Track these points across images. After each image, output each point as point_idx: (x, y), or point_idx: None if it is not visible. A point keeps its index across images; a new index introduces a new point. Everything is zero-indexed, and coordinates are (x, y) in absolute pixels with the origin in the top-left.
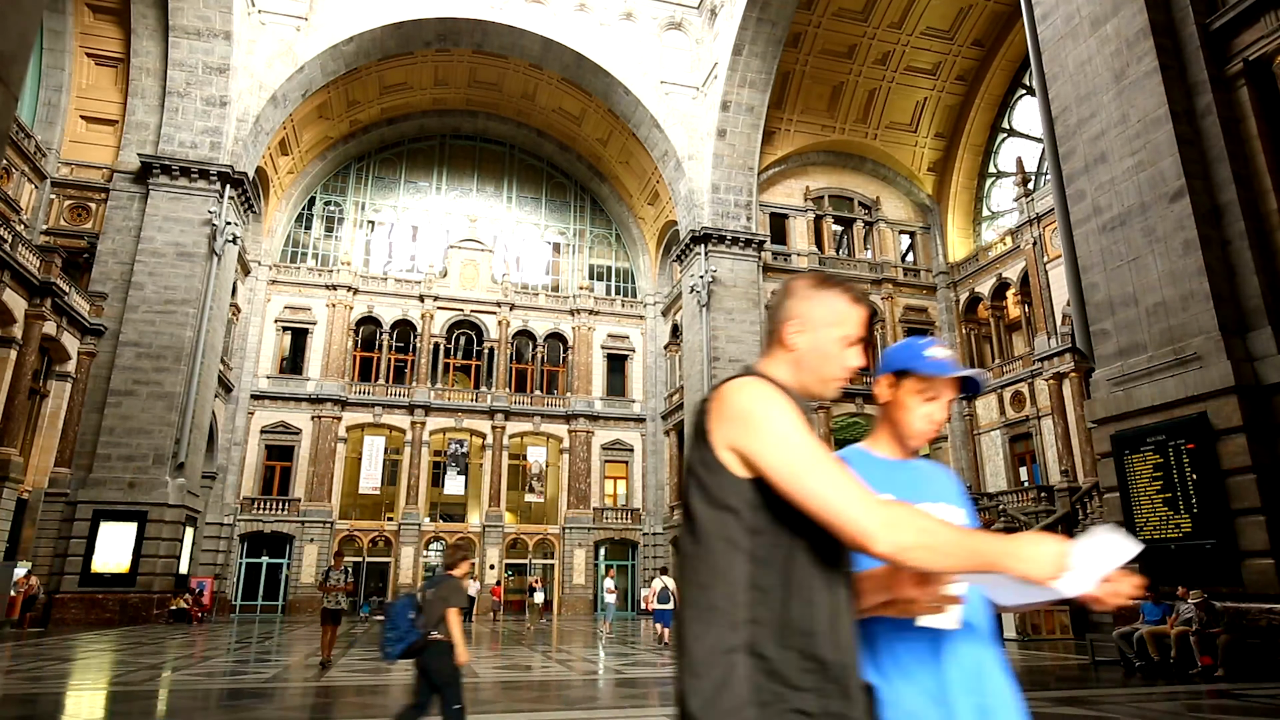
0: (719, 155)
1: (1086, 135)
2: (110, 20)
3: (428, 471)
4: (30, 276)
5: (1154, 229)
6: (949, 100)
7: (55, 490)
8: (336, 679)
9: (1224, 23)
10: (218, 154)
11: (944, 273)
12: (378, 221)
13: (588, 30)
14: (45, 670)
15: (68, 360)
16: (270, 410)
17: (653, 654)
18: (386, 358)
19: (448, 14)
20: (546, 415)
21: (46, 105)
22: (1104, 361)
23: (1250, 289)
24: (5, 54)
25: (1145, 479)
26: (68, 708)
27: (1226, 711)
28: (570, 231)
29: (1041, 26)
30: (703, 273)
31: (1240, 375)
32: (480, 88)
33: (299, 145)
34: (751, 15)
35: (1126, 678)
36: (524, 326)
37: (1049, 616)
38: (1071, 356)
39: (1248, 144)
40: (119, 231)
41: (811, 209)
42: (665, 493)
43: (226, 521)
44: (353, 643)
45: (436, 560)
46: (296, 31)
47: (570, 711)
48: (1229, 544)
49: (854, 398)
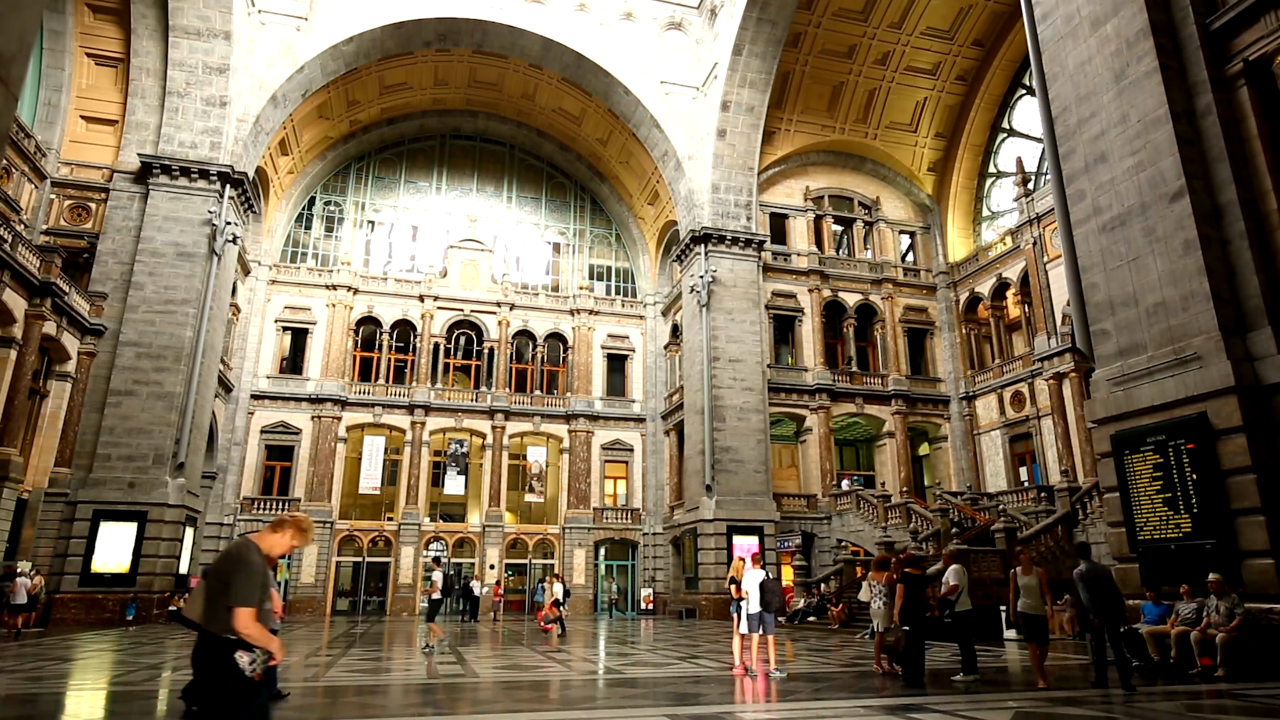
0: (719, 155)
1: (1086, 135)
2: (110, 20)
3: (428, 471)
4: (30, 276)
5: (1154, 229)
6: (949, 100)
7: (55, 490)
8: (336, 679)
9: (1224, 23)
10: (218, 154)
11: (944, 273)
12: (378, 221)
13: (588, 30)
14: (45, 670)
15: (68, 360)
16: (270, 410)
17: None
18: (386, 358)
19: (448, 14)
20: (546, 415)
21: (46, 105)
22: (1104, 361)
23: (1250, 289)
24: (5, 54)
25: (1145, 479)
26: (68, 708)
27: (1226, 711)
28: (570, 231)
29: (1041, 26)
30: (703, 273)
31: (1240, 375)
32: (480, 88)
33: (299, 145)
34: (751, 15)
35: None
36: (524, 326)
37: (1049, 616)
38: (1071, 356)
39: (1248, 144)
40: (119, 231)
41: (811, 209)
42: (665, 493)
43: (226, 521)
44: (352, 643)
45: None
46: (296, 31)
47: (570, 712)
48: (1229, 544)
49: (854, 398)
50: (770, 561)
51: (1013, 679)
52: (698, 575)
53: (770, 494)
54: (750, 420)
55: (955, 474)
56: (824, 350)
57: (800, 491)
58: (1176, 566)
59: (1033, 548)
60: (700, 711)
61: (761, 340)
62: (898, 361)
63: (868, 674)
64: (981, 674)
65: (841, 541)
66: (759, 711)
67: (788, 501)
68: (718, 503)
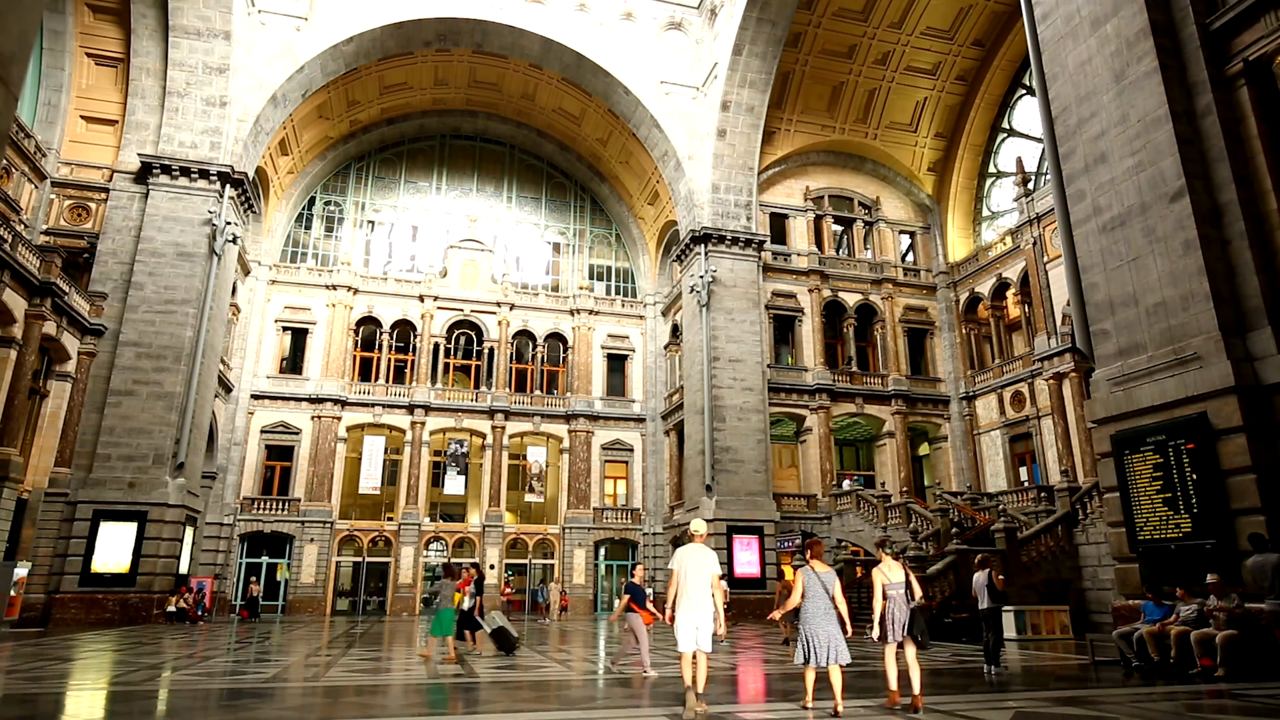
0: (719, 155)
1: (1086, 135)
2: (110, 20)
3: (428, 471)
4: (30, 276)
5: (1154, 229)
6: (949, 100)
7: (55, 490)
8: (336, 679)
9: (1224, 23)
10: (218, 154)
11: (944, 273)
12: (378, 221)
13: (588, 30)
14: (45, 670)
15: (68, 360)
16: (270, 410)
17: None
18: (386, 358)
19: (448, 14)
20: (546, 415)
21: (46, 105)
22: (1104, 361)
23: (1250, 289)
24: (5, 54)
25: (1145, 479)
26: (68, 708)
27: (1226, 711)
28: (570, 231)
29: (1041, 26)
30: (703, 273)
31: (1240, 375)
32: (480, 88)
33: (299, 145)
34: (751, 15)
35: (1126, 678)
36: (524, 326)
37: (1049, 617)
38: (1071, 356)
39: (1248, 144)
40: (119, 231)
41: (811, 209)
42: (665, 493)
43: (226, 521)
44: (352, 642)
45: (437, 560)
46: (296, 31)
47: (570, 711)
48: (1229, 544)
49: (854, 397)
50: (770, 561)
51: (1013, 679)
52: None
53: (770, 494)
54: (750, 420)
55: (955, 474)
56: (824, 350)
57: (800, 491)
58: (1176, 566)
59: (1033, 547)
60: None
61: (761, 340)
62: (898, 361)
63: (870, 674)
64: (981, 674)
65: (841, 541)
66: (759, 711)
67: (788, 501)
68: (718, 503)
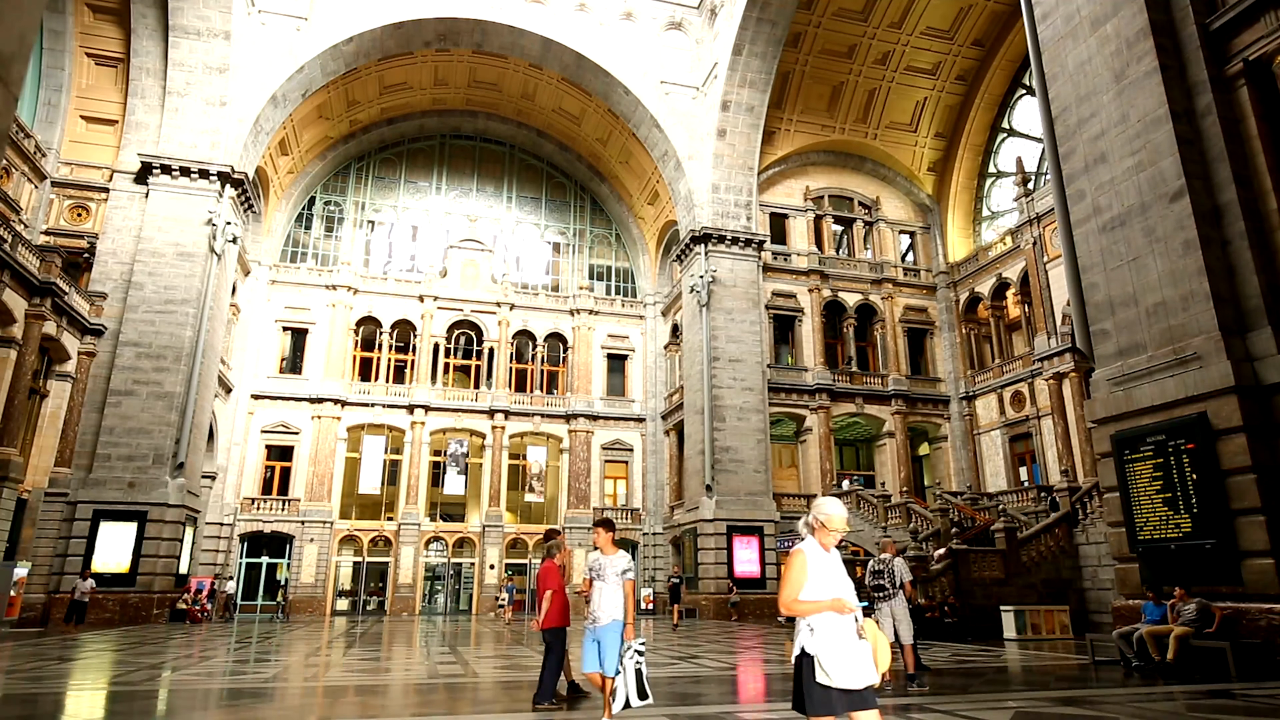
0: (719, 155)
1: (1086, 135)
2: (110, 20)
3: (428, 471)
4: (30, 276)
5: (1154, 229)
6: (949, 100)
7: (55, 490)
8: (336, 679)
9: (1224, 23)
10: (217, 154)
11: (944, 272)
12: (378, 221)
13: (588, 30)
14: (45, 670)
15: (68, 360)
16: (270, 410)
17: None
18: (386, 358)
19: (448, 14)
20: (546, 415)
21: (46, 105)
22: (1104, 361)
23: (1250, 289)
24: (5, 54)
25: (1145, 479)
26: (68, 708)
27: (1226, 711)
28: (570, 231)
29: (1041, 26)
30: (703, 273)
31: (1240, 375)
32: (480, 88)
33: (299, 145)
34: (751, 15)
35: (1126, 678)
36: (524, 326)
37: (1049, 616)
38: (1071, 356)
39: (1248, 144)
40: (119, 231)
41: (811, 209)
42: (665, 493)
43: (226, 521)
44: (352, 642)
45: (437, 560)
46: (296, 31)
47: (570, 712)
48: (1229, 544)
49: (854, 397)
50: (770, 561)
51: (1013, 679)
52: (698, 575)
53: (770, 494)
54: (750, 420)
55: (955, 474)
56: (824, 350)
57: (800, 491)
58: (1176, 566)
59: (1032, 547)
60: (701, 711)
61: (761, 340)
62: (898, 361)
63: None
64: (981, 674)
65: (842, 542)
66: (759, 711)
67: (787, 501)
68: (718, 502)
